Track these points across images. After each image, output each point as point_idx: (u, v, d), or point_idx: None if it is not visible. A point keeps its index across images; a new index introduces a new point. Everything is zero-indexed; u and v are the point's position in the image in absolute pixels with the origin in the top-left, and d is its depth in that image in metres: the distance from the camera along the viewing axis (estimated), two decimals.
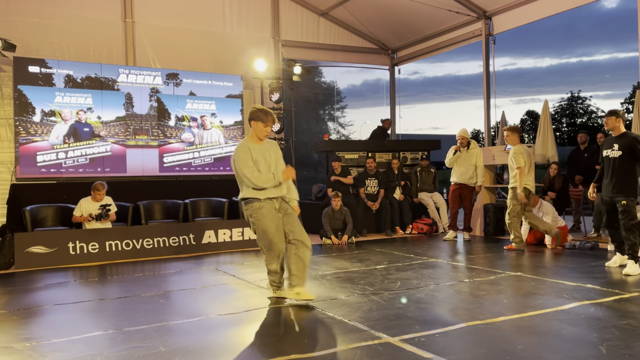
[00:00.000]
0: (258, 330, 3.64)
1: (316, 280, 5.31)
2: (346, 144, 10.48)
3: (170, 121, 9.26)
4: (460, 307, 4.11)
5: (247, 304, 4.41)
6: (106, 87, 8.76)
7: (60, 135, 8.36)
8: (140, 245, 7.13)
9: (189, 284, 5.32)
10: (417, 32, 11.28)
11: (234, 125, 9.87)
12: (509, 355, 2.99)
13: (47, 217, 7.57)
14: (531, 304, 4.14)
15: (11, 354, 3.26)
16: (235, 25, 10.28)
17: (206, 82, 9.64)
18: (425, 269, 5.78)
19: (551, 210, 7.15)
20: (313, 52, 11.38)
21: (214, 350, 3.24)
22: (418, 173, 9.62)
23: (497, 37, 9.93)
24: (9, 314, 4.29)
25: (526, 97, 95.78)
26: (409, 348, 3.13)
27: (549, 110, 10.06)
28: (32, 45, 8.39)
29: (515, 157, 6.87)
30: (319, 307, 4.17)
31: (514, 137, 7.05)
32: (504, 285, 4.88)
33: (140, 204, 8.04)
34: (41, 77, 8.29)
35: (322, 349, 3.15)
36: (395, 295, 4.52)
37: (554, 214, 7.14)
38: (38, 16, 8.50)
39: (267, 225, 4.26)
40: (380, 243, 8.12)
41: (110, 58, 9.07)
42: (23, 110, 8.14)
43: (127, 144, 8.87)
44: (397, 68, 12.51)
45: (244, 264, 6.50)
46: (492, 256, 6.61)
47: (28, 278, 5.95)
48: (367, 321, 3.73)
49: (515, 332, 3.45)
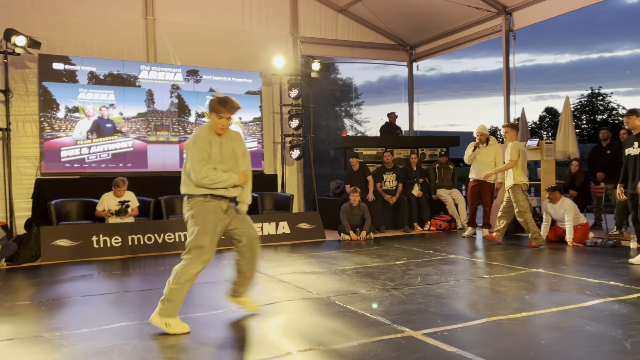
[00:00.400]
0: (281, 323, 3.69)
1: (336, 275, 5.35)
2: (364, 140, 10.48)
3: (191, 117, 9.37)
4: (481, 303, 4.12)
5: (269, 297, 4.46)
6: (128, 83, 8.89)
7: (84, 131, 8.51)
8: (162, 240, 7.24)
9: (210, 278, 5.40)
10: (436, 28, 11.22)
11: (252, 122, 9.94)
12: (533, 350, 2.99)
13: (71, 211, 7.72)
14: (554, 300, 4.12)
15: (42, 343, 3.36)
16: (255, 22, 10.34)
17: (226, 79, 9.71)
18: (445, 265, 5.78)
19: (572, 207, 7.08)
20: (331, 48, 11.39)
21: (240, 342, 3.29)
22: (437, 169, 9.59)
23: (517, 32, 9.84)
24: (37, 305, 4.40)
25: (545, 93, 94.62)
26: (432, 342, 3.15)
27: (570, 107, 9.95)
28: (57, 42, 8.54)
29: (511, 150, 7.09)
30: (339, 301, 4.21)
31: (512, 133, 7.32)
32: (525, 281, 4.86)
33: (162, 199, 8.15)
34: (65, 73, 8.44)
35: (345, 342, 3.19)
36: (416, 291, 4.53)
37: (575, 211, 7.07)
38: (62, 14, 8.65)
39: (207, 225, 3.60)
40: (399, 239, 8.12)
41: (132, 55, 9.19)
42: (47, 106, 8.30)
43: (148, 139, 9.00)
44: (416, 64, 12.47)
45: (263, 259, 6.56)
46: (512, 253, 6.58)
47: (54, 270, 6.08)
48: (388, 315, 3.75)
49: (538, 327, 3.45)
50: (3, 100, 8.01)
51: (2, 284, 5.30)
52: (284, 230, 8.14)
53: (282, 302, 4.27)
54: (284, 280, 5.14)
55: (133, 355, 3.04)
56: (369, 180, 9.15)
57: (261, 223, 7.99)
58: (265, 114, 10.19)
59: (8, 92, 8.00)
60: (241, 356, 3.02)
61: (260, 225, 7.97)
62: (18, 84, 8.29)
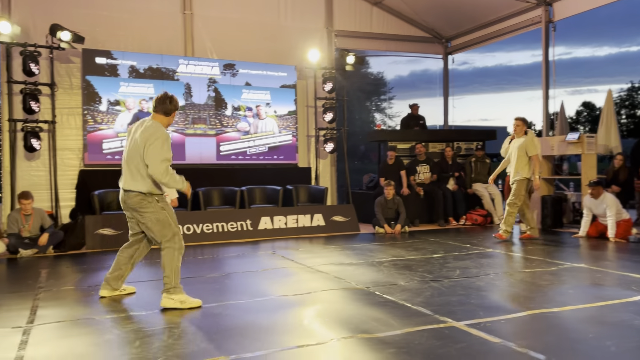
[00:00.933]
0: (322, 311, 3.74)
1: (373, 266, 5.38)
2: (399, 133, 10.41)
3: (227, 111, 9.50)
4: (523, 296, 4.08)
5: (308, 286, 4.52)
6: (167, 77, 9.07)
7: (124, 123, 8.73)
8: (201, 230, 7.39)
9: (250, 267, 5.49)
10: (473, 20, 11.05)
11: (287, 115, 10.01)
12: (580, 344, 2.96)
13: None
14: (598, 294, 4.05)
15: (94, 325, 3.50)
16: (290, 16, 10.39)
17: (261, 73, 9.81)
18: (483, 259, 5.73)
19: (615, 203, 6.91)
20: (365, 41, 11.35)
21: (285, 327, 3.36)
22: (473, 163, 9.48)
23: (556, 24, 9.61)
24: (84, 290, 4.57)
25: (582, 87, 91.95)
26: (476, 332, 3.15)
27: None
28: (99, 37, 8.77)
29: (528, 146, 7.02)
30: (379, 292, 4.23)
31: (524, 127, 7.25)
32: (567, 276, 4.79)
33: (199, 190, 8.31)
34: (107, 68, 8.67)
35: (389, 330, 3.21)
36: (455, 283, 4.52)
37: (617, 206, 6.90)
38: (105, 9, 8.87)
39: (173, 216, 4.13)
40: (434, 233, 8.08)
41: (171, 49, 9.37)
42: (90, 99, 8.55)
43: (186, 132, 9.17)
44: (451, 57, 12.32)
45: (299, 250, 6.63)
46: (551, 248, 6.47)
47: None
48: (429, 306, 3.76)
49: (583, 321, 3.41)
50: (49, 93, 8.29)
51: (50, 270, 5.52)
52: (318, 223, 8.20)
53: (322, 292, 4.33)
54: (322, 270, 5.20)
55: (182, 338, 3.14)
56: (402, 175, 9.12)
57: (296, 215, 8.08)
58: (299, 107, 10.25)
59: (54, 86, 8.28)
60: (287, 341, 3.08)
61: (296, 217, 8.05)
62: (63, 78, 8.57)
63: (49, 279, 5.00)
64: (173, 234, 4.05)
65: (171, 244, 4.02)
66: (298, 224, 8.03)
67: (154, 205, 4.04)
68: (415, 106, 10.89)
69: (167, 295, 3.91)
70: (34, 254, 6.50)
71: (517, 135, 7.19)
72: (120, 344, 3.12)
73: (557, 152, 8.58)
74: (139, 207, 4.03)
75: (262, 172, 9.56)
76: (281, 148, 9.88)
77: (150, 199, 4.04)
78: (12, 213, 6.65)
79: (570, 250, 6.31)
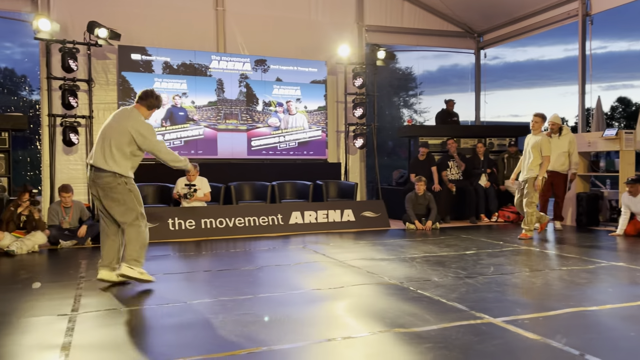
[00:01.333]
0: (356, 305, 3.75)
1: (405, 262, 5.37)
2: (430, 129, 10.32)
3: (258, 106, 9.58)
4: (560, 294, 4.02)
5: (340, 280, 4.54)
6: (199, 73, 9.21)
7: (158, 119, 8.90)
8: (233, 224, 7.50)
9: (283, 261, 5.55)
10: (506, 14, 10.86)
11: (317, 111, 10.04)
12: (622, 341, 2.91)
13: (147, 195, 8.11)
14: (639, 294, 3.96)
15: (135, 314, 3.59)
16: (320, 11, 10.40)
17: (292, 68, 9.85)
18: (517, 256, 5.66)
19: None
20: (396, 36, 11.28)
21: (318, 320, 3.39)
22: (505, 160, 9.34)
23: (593, 17, 9.36)
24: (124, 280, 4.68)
25: (617, 82, 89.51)
26: (513, 329, 3.12)
27: None
28: (134, 34, 8.95)
29: (543, 145, 6.88)
30: (413, 287, 4.23)
31: (541, 124, 7.12)
32: (606, 274, 4.69)
33: (231, 185, 8.42)
34: (142, 64, 8.85)
35: (425, 325, 3.21)
36: (490, 280, 4.48)
37: None
38: (139, 6, 9.05)
39: (137, 198, 4.38)
40: (465, 230, 8.01)
41: (203, 45, 9.49)
42: (126, 95, 8.74)
43: (218, 127, 9.29)
44: (483, 52, 12.14)
45: (330, 244, 6.66)
46: (588, 246, 6.34)
47: None
48: (465, 302, 3.74)
49: (624, 319, 3.34)
50: (86, 89, 8.51)
51: (89, 261, 5.68)
52: (348, 218, 8.21)
53: (354, 286, 4.34)
54: (354, 265, 5.21)
55: (221, 329, 3.20)
56: (433, 170, 9.05)
57: (326, 210, 8.10)
58: (329, 102, 10.27)
59: (91, 82, 8.49)
60: (324, 333, 3.11)
61: (326, 212, 8.08)
62: (99, 74, 8.79)
63: (89, 269, 5.15)
64: (136, 216, 4.32)
65: (137, 223, 4.31)
66: (328, 219, 8.07)
67: (122, 187, 4.29)
68: (450, 102, 10.77)
69: (128, 265, 4.22)
70: (73, 245, 6.70)
71: (535, 132, 7.04)
72: (161, 332, 3.20)
73: (593, 148, 8.38)
74: (107, 187, 4.28)
75: (292, 167, 9.62)
76: (311, 143, 9.92)
77: (120, 180, 4.27)
78: (53, 205, 6.87)
79: (607, 248, 6.17)
